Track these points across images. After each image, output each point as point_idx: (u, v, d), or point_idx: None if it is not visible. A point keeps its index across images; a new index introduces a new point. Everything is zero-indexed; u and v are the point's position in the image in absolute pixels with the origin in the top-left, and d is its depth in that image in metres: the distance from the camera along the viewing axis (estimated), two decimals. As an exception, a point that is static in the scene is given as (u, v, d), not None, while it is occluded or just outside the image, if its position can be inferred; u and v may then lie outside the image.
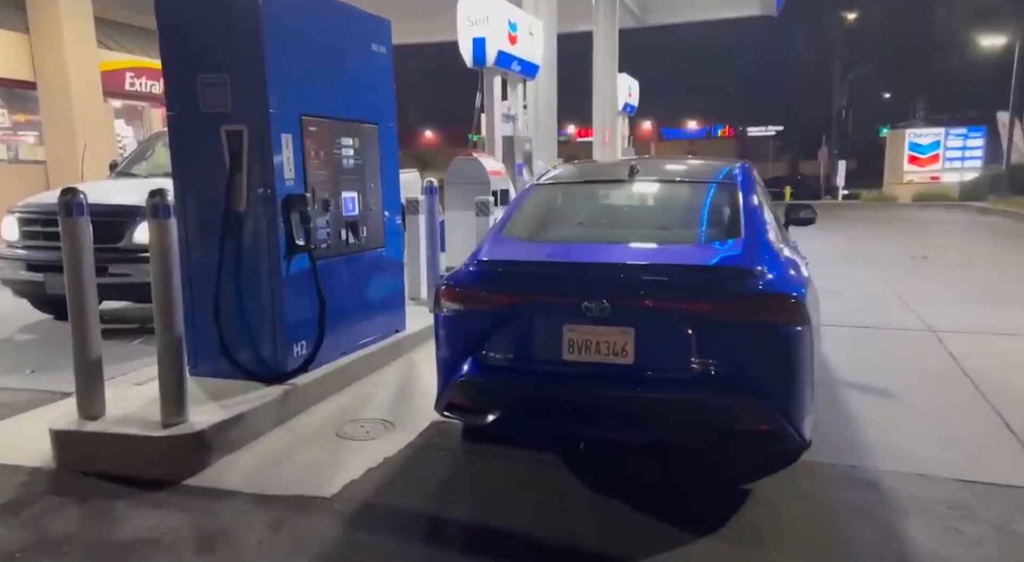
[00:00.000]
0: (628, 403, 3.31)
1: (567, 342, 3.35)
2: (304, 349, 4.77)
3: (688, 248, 3.62)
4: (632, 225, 4.03)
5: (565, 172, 4.72)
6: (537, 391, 3.45)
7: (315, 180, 4.82)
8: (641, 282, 3.30)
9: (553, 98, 12.22)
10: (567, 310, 3.35)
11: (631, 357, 3.27)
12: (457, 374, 3.57)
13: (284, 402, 4.46)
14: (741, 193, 3.94)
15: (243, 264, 4.58)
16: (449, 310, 3.63)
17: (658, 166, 4.64)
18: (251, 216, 4.51)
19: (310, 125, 4.77)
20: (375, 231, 5.54)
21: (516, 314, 3.45)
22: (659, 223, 4.05)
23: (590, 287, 3.31)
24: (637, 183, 4.22)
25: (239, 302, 4.62)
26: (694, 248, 3.61)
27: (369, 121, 5.45)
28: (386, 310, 5.80)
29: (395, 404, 4.83)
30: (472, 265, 3.64)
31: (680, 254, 3.54)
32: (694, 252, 3.56)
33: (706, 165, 4.57)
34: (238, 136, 4.43)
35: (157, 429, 3.79)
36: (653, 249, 3.62)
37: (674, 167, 4.64)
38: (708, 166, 4.47)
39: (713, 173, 4.32)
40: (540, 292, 3.42)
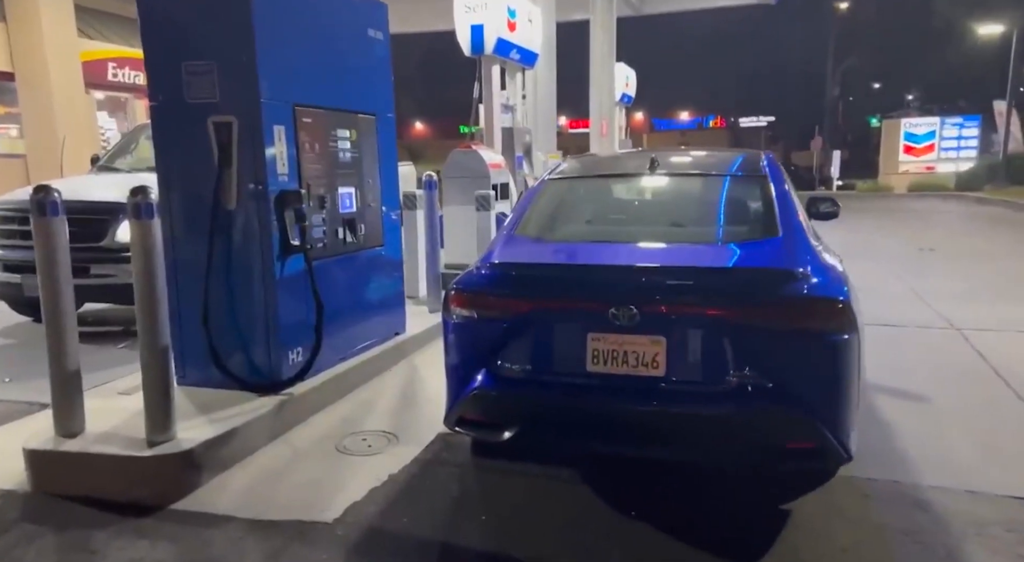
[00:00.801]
0: (659, 419, 3.02)
1: (591, 352, 3.06)
2: (300, 356, 4.46)
3: (723, 249, 3.32)
4: (657, 223, 3.73)
5: (579, 165, 4.42)
6: (558, 406, 3.16)
7: (310, 175, 4.51)
8: (674, 287, 3.01)
9: (552, 88, 11.90)
10: (591, 317, 3.06)
11: (662, 369, 2.99)
12: (469, 386, 3.28)
13: (280, 414, 4.16)
14: (773, 187, 3.66)
15: (234, 265, 4.27)
16: (460, 317, 3.33)
17: (680, 158, 4.34)
18: (242, 214, 4.20)
19: (304, 116, 4.45)
20: (373, 229, 5.23)
21: (534, 322, 3.16)
22: (687, 220, 3.76)
23: (617, 292, 3.01)
24: (659, 177, 3.93)
25: (230, 306, 4.31)
26: (729, 249, 3.32)
27: (366, 112, 5.14)
28: (386, 312, 5.49)
29: (398, 413, 4.53)
30: (484, 268, 3.34)
31: (715, 255, 3.25)
32: (730, 253, 3.27)
33: (730, 156, 4.27)
34: (227, 128, 4.11)
35: (142, 448, 3.48)
36: (684, 250, 3.32)
37: (697, 159, 4.34)
38: (732, 157, 4.18)
39: (740, 165, 4.02)
40: (561, 298, 3.12)
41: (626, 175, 4.11)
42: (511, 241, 3.57)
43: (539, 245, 3.53)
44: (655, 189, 3.99)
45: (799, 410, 2.88)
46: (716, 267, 3.10)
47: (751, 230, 3.49)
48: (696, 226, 3.67)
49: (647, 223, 3.77)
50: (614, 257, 3.27)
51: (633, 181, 4.06)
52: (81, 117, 11.37)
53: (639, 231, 3.63)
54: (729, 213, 3.74)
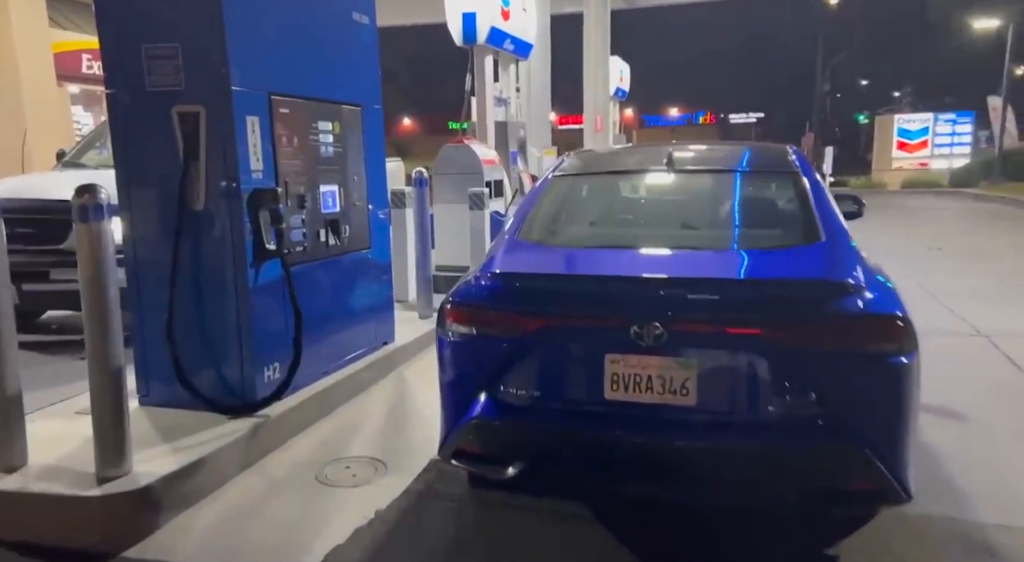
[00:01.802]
0: (689, 455, 2.60)
1: (610, 377, 2.64)
2: (277, 372, 4.02)
3: (761, 256, 2.90)
4: (680, 226, 3.31)
5: (586, 161, 3.98)
6: (571, 439, 2.73)
7: (288, 172, 4.06)
8: (708, 301, 2.59)
9: (547, 81, 11.46)
10: (610, 336, 2.64)
11: (693, 396, 2.57)
12: (467, 414, 2.85)
13: (254, 439, 3.71)
14: (808, 184, 3.24)
15: (202, 273, 3.82)
16: (457, 334, 2.90)
17: (699, 152, 3.92)
18: (211, 215, 3.76)
19: (281, 106, 4.00)
20: (359, 230, 4.79)
21: (543, 341, 2.73)
22: (714, 223, 3.34)
23: (641, 308, 2.59)
24: (677, 173, 3.50)
25: (198, 318, 3.86)
26: (769, 256, 2.89)
27: (351, 102, 4.70)
28: (373, 320, 5.05)
29: (386, 436, 4.09)
30: (485, 278, 2.91)
31: (754, 265, 2.82)
32: (770, 262, 2.85)
33: (754, 150, 3.86)
34: (193, 119, 3.67)
35: (91, 485, 3.03)
36: (717, 258, 2.90)
37: (718, 153, 3.92)
38: (757, 152, 3.76)
39: (767, 160, 3.61)
40: (575, 314, 2.70)
41: (640, 172, 3.67)
42: (514, 247, 3.14)
43: (546, 252, 3.09)
44: (674, 187, 3.57)
45: (854, 445, 2.47)
46: (758, 278, 2.68)
47: (788, 234, 3.07)
48: (725, 230, 3.25)
49: (668, 226, 3.34)
50: (635, 266, 2.84)
51: (649, 179, 3.62)
52: (53, 111, 10.84)
53: (660, 235, 3.20)
54: (762, 215, 3.32)
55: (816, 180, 3.29)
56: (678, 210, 3.48)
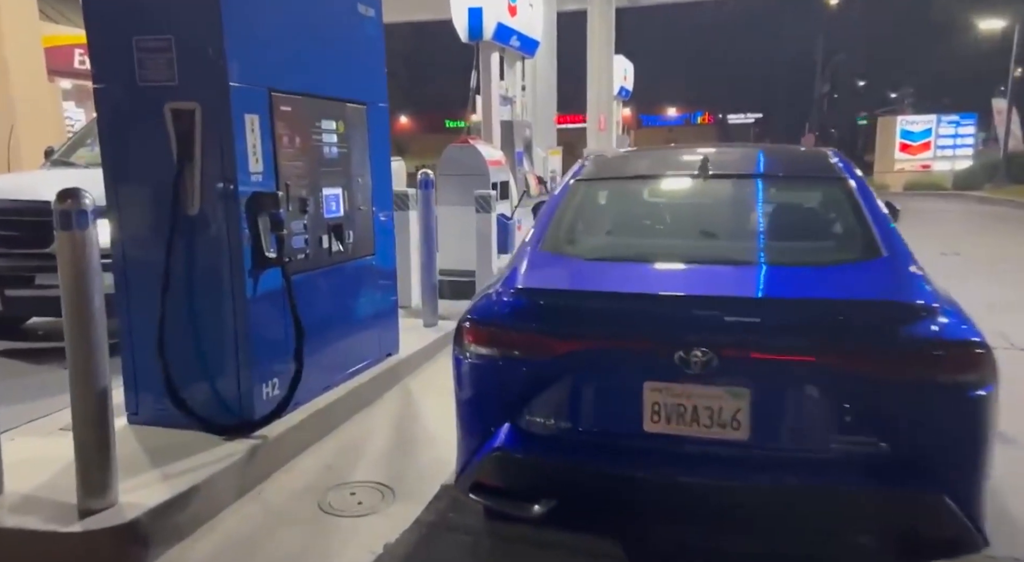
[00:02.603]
0: (740, 496, 2.33)
1: (650, 407, 2.37)
2: (277, 389, 3.75)
3: (818, 274, 2.62)
4: (722, 238, 3.03)
5: (611, 165, 3.71)
6: (605, 475, 2.46)
7: (289, 174, 3.78)
8: (763, 324, 2.32)
9: (552, 79, 11.17)
10: (651, 362, 2.38)
11: (745, 430, 2.30)
12: (488, 444, 2.58)
13: (252, 462, 3.44)
14: (858, 192, 2.98)
15: (196, 281, 3.55)
16: (476, 355, 2.62)
17: (734, 156, 3.64)
18: (206, 220, 3.48)
19: (282, 103, 3.73)
20: (364, 235, 4.52)
21: (574, 366, 2.46)
22: (759, 235, 3.06)
23: (687, 330, 2.33)
24: (713, 179, 3.23)
25: (191, 330, 3.58)
26: (826, 274, 2.62)
27: (355, 100, 4.42)
28: (378, 330, 4.78)
29: (393, 458, 3.82)
30: (508, 294, 2.63)
31: (812, 283, 2.55)
32: (829, 280, 2.58)
33: (795, 155, 3.60)
34: (188, 117, 3.39)
35: (71, 519, 2.75)
36: (769, 275, 2.62)
37: (754, 157, 3.65)
38: (798, 156, 3.50)
39: (810, 165, 3.35)
40: (611, 336, 2.43)
41: (673, 177, 3.39)
42: (538, 259, 2.86)
43: (575, 265, 2.82)
44: (711, 194, 3.29)
45: (929, 487, 2.20)
46: (819, 299, 2.40)
47: (844, 248, 2.81)
48: (772, 242, 2.97)
49: (708, 238, 3.07)
50: (678, 283, 2.57)
51: (682, 184, 3.34)
52: (43, 107, 10.50)
53: (701, 248, 2.93)
54: (812, 226, 3.06)
55: (866, 187, 3.03)
56: (718, 220, 3.21)
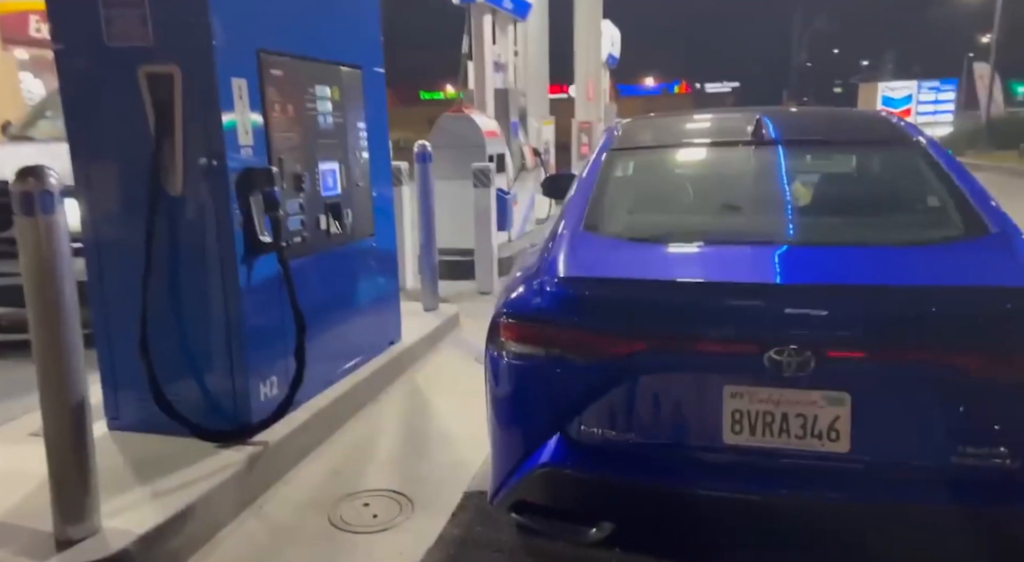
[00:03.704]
0: (837, 518, 2.00)
1: (730, 416, 2.02)
2: (275, 388, 3.36)
3: (926, 255, 2.26)
4: (798, 213, 2.66)
5: (650, 131, 3.31)
6: (677, 495, 2.11)
7: (283, 147, 3.37)
8: (872, 317, 1.96)
9: (545, 45, 10.67)
10: (732, 363, 2.03)
11: (845, 441, 1.96)
12: (534, 458, 2.23)
13: (251, 472, 3.06)
14: (942, 159, 2.63)
15: (182, 270, 3.14)
16: (518, 356, 2.26)
17: (788, 119, 3.27)
18: (191, 201, 3.06)
19: (272, 66, 3.30)
20: (363, 215, 4.11)
21: (637, 368, 2.10)
22: (839, 210, 2.70)
23: (780, 325, 1.97)
24: (772, 146, 2.86)
25: (178, 325, 3.18)
26: (935, 255, 2.26)
27: (350, 63, 3.99)
28: (380, 318, 4.39)
29: (406, 462, 3.46)
30: (553, 283, 2.25)
31: (923, 266, 2.19)
32: (941, 262, 2.22)
33: (853, 116, 3.24)
34: (166, 82, 2.95)
35: (47, 550, 2.37)
36: (869, 257, 2.25)
37: (813, 120, 3.28)
38: (859, 118, 3.15)
39: (877, 128, 2.99)
40: (684, 334, 2.07)
41: (725, 144, 3.00)
42: (584, 242, 2.48)
43: (629, 249, 2.43)
44: (773, 164, 2.92)
45: None
46: (937, 286, 2.05)
47: (942, 224, 2.45)
48: (858, 217, 2.61)
49: (780, 213, 2.70)
50: (763, 270, 2.20)
51: (735, 152, 2.96)
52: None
53: (775, 226, 2.55)
54: (896, 198, 2.71)
55: (947, 154, 2.68)
56: (784, 192, 2.84)
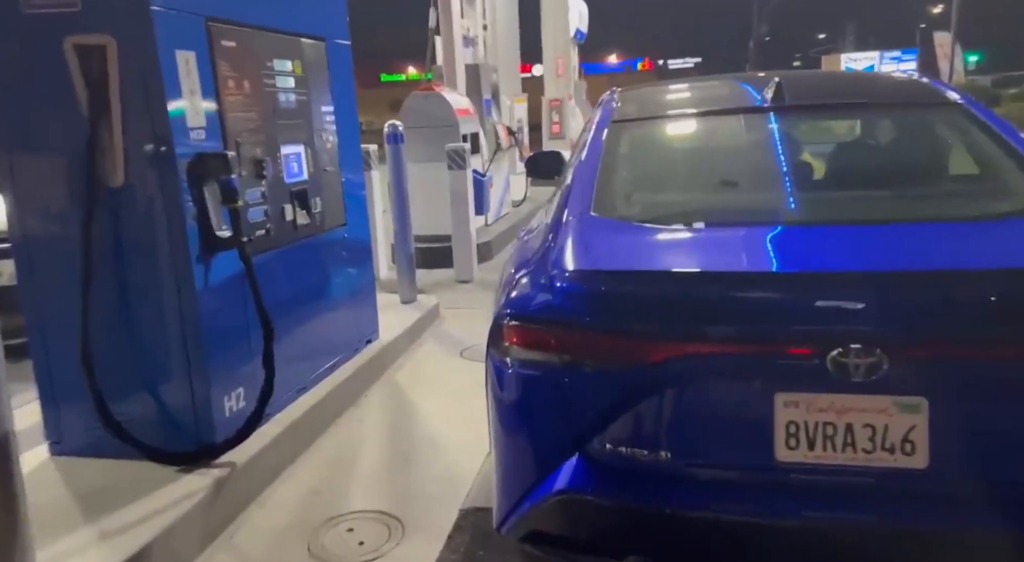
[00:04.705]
0: (920, 548, 1.70)
1: (784, 428, 1.71)
2: (242, 400, 2.99)
3: (1001, 230, 1.95)
4: (840, 187, 2.34)
5: (651, 100, 2.97)
6: (720, 523, 1.79)
7: (239, 128, 2.98)
8: (952, 306, 1.65)
9: (515, 17, 10.26)
10: (785, 367, 1.71)
11: (922, 455, 1.66)
12: (549, 482, 1.90)
13: (218, 498, 2.70)
14: (992, 123, 2.34)
15: (129, 272, 2.75)
16: (525, 363, 1.92)
17: (811, 82, 2.94)
18: (135, 193, 2.68)
19: (224, 37, 2.90)
20: (333, 202, 3.73)
21: (672, 376, 1.78)
22: (888, 182, 2.38)
23: (841, 321, 1.66)
24: (797, 112, 2.54)
25: (126, 333, 2.80)
26: (1011, 230, 1.96)
27: (312, 35, 3.60)
28: (355, 314, 4.03)
29: (393, 475, 3.12)
30: (564, 278, 1.91)
31: (1001, 245, 1.88)
32: (1020, 238, 1.91)
33: (883, 78, 2.95)
34: (98, 55, 2.55)
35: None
36: (941, 237, 1.93)
37: (838, 83, 2.97)
38: (889, 80, 2.84)
39: (912, 89, 2.68)
40: (728, 334, 1.74)
41: (741, 111, 2.66)
42: (594, 227, 2.13)
43: (652, 235, 2.08)
44: (799, 130, 2.60)
45: None
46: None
47: (1008, 195, 2.16)
48: (910, 190, 2.29)
49: (819, 188, 2.37)
50: (816, 255, 1.88)
51: (756, 120, 2.62)
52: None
53: (817, 203, 2.22)
54: (949, 167, 2.40)
55: (994, 114, 2.38)
56: (820, 164, 2.52)
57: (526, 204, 9.11)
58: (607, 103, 2.97)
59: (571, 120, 13.09)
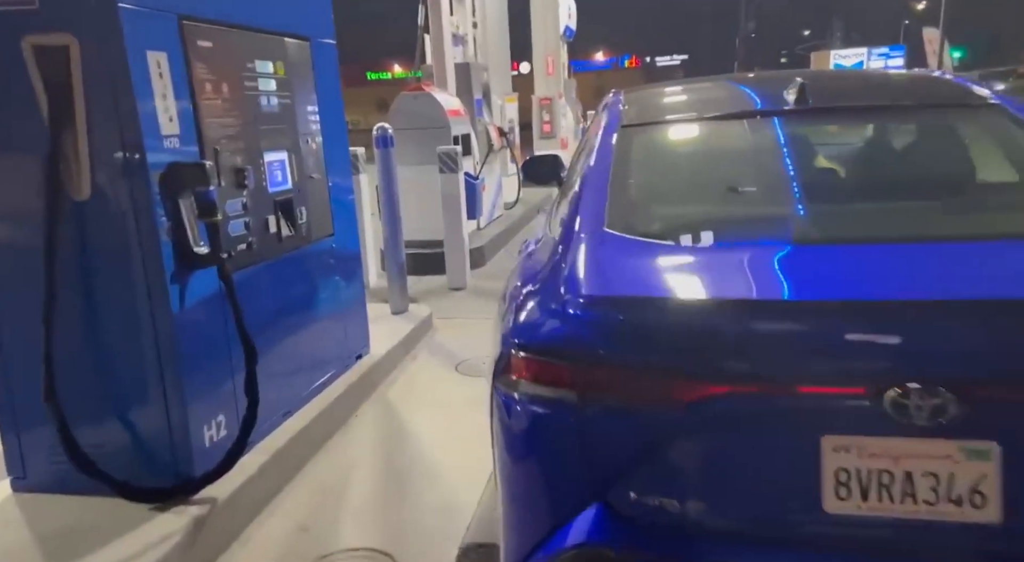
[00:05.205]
0: None
1: (832, 476, 1.51)
2: (223, 429, 2.77)
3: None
4: (888, 200, 2.12)
5: (661, 103, 2.76)
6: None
7: (218, 135, 2.76)
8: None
9: (504, 15, 10.02)
10: (834, 407, 1.51)
11: (995, 508, 1.47)
12: (563, 534, 1.70)
13: (196, 539, 2.48)
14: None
15: (97, 294, 2.53)
16: (538, 401, 1.71)
17: (836, 83, 2.74)
18: (102, 207, 2.45)
19: (200, 36, 2.68)
20: (320, 212, 3.52)
21: (706, 417, 1.57)
22: (937, 194, 2.17)
23: (902, 355, 1.47)
24: (823, 116, 2.34)
25: (95, 361, 2.57)
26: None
27: (295, 34, 3.37)
28: (344, 329, 3.81)
29: (387, 507, 2.90)
30: (578, 304, 1.70)
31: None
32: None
33: (910, 79, 2.75)
34: (60, 57, 2.33)
35: None
36: (1008, 260, 1.73)
37: (865, 84, 2.76)
38: (920, 80, 2.65)
39: (946, 90, 2.49)
40: (769, 370, 1.54)
41: (770, 114, 2.36)
42: (610, 245, 1.92)
43: (678, 255, 1.85)
44: (828, 137, 2.41)
45: None
46: None
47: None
48: (967, 204, 2.09)
49: (868, 199, 2.15)
50: (875, 279, 1.67)
51: (781, 124, 2.40)
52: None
53: (869, 217, 1.99)
54: (1008, 177, 2.20)
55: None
56: (862, 173, 2.32)
57: (518, 207, 8.90)
58: (613, 106, 2.76)
59: (561, 119, 12.88)
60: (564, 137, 13.12)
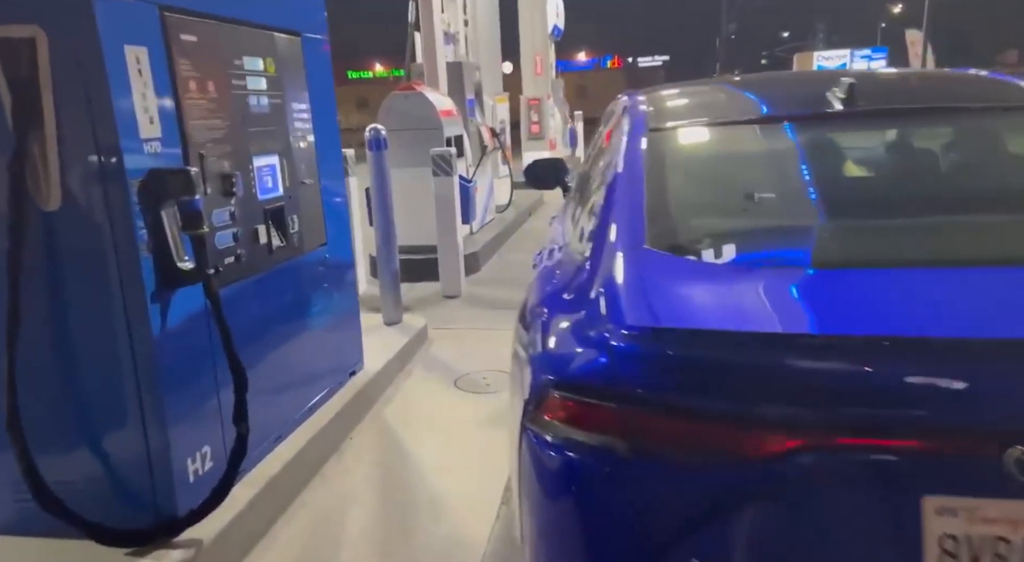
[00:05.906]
0: None
1: (937, 545, 1.30)
2: (209, 461, 2.52)
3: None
4: (972, 214, 1.89)
5: (699, 103, 2.53)
6: None
7: (203, 138, 2.50)
8: None
9: (495, 13, 9.78)
10: (940, 464, 1.30)
11: None
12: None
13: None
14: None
15: (68, 315, 2.26)
16: (581, 449, 1.48)
17: (887, 84, 2.53)
18: (74, 218, 2.19)
19: (183, 30, 2.43)
20: (312, 220, 3.27)
21: (785, 475, 1.35)
22: (1010, 204, 1.96)
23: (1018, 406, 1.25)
24: (880, 119, 2.13)
25: (64, 390, 2.32)
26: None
27: (286, 29, 3.12)
28: (338, 344, 3.57)
29: (388, 541, 2.66)
30: (624, 337, 1.46)
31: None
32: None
33: (962, 79, 2.55)
34: (25, 51, 2.07)
35: None
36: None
37: (916, 84, 2.56)
38: (976, 80, 2.45)
39: (1011, 93, 2.28)
40: (863, 421, 1.31)
41: (824, 117, 2.12)
42: (656, 266, 1.69)
43: (742, 280, 1.60)
44: (903, 143, 2.18)
45: None
46: None
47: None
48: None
49: (944, 212, 1.92)
50: (975, 312, 1.45)
51: (832, 129, 2.18)
52: None
53: (957, 233, 1.76)
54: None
55: None
56: (934, 182, 2.10)
57: (511, 210, 8.67)
58: (633, 107, 2.54)
59: (550, 120, 12.66)
60: (552, 138, 12.91)
